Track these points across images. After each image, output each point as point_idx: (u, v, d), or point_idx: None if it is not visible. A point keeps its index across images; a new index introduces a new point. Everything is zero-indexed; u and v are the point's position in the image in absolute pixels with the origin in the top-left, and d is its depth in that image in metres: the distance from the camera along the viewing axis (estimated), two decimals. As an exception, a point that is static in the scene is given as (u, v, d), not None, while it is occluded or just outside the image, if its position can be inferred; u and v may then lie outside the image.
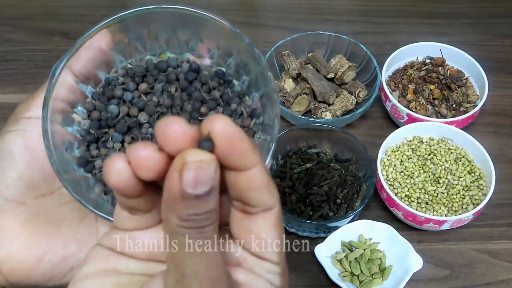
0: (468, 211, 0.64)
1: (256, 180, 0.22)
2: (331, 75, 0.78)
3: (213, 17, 0.31)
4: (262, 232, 0.23)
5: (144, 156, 0.20)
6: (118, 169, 0.21)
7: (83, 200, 0.30)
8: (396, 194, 0.66)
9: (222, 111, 0.33)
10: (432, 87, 0.76)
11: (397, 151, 0.70)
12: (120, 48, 0.33)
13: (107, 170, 0.21)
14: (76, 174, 0.31)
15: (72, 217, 0.32)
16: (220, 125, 0.20)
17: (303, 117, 0.75)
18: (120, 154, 0.21)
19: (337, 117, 0.75)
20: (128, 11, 0.30)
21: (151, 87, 0.34)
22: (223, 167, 0.21)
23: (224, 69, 0.35)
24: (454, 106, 0.75)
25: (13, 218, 0.30)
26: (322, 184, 0.66)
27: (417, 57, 0.81)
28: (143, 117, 0.32)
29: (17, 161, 0.31)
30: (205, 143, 0.20)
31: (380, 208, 0.69)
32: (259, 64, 0.32)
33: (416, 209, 0.64)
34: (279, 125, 0.31)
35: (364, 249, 0.63)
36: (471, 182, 0.67)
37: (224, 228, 0.25)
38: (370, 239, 0.64)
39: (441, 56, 0.80)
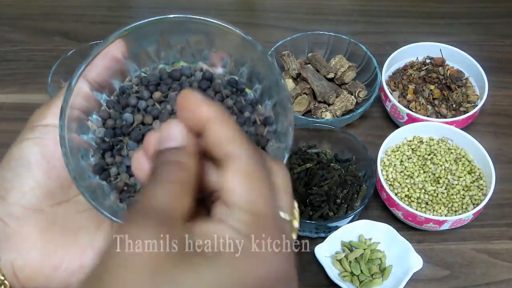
0: (468, 211, 0.64)
1: (214, 134, 0.24)
2: (331, 75, 0.78)
3: (226, 25, 0.31)
4: (230, 183, 0.24)
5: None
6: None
7: (99, 207, 0.30)
8: (396, 194, 0.66)
9: (235, 119, 0.33)
10: (432, 87, 0.76)
11: (397, 151, 0.70)
12: (134, 57, 0.33)
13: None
14: (92, 181, 0.31)
15: (88, 225, 0.32)
16: (179, 97, 0.25)
17: (303, 117, 0.75)
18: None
19: (337, 117, 0.75)
20: (143, 21, 0.31)
21: (165, 96, 0.34)
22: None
23: (237, 78, 0.35)
24: (454, 106, 0.75)
25: (31, 226, 0.31)
26: (322, 184, 0.66)
27: (417, 57, 0.81)
28: (157, 125, 0.33)
29: (34, 169, 0.31)
30: None
31: (380, 208, 0.69)
32: (272, 72, 0.32)
33: (416, 209, 0.64)
34: (293, 132, 0.31)
35: (364, 249, 0.63)
36: (471, 182, 0.67)
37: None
38: (370, 239, 0.64)
39: (441, 56, 0.80)
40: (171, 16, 0.31)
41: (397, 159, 0.69)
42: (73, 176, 0.30)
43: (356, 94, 0.77)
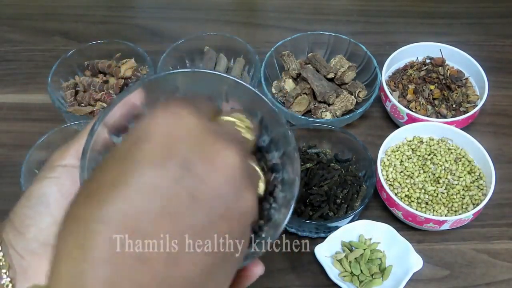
0: (468, 211, 0.64)
1: None
2: (331, 75, 0.78)
3: (239, 81, 0.33)
4: None
5: None
6: None
7: None
8: (396, 194, 0.66)
9: None
10: (432, 87, 0.76)
11: (397, 151, 0.70)
12: (151, 103, 0.34)
13: None
14: None
15: None
16: None
17: (303, 117, 0.75)
18: None
19: (337, 117, 0.75)
20: (161, 74, 0.33)
21: None
22: None
23: None
24: (454, 106, 0.75)
25: (46, 260, 0.31)
26: (322, 184, 0.66)
27: (417, 57, 0.81)
28: None
29: (52, 207, 0.33)
30: None
31: (380, 208, 0.69)
32: (280, 125, 0.33)
33: (416, 209, 0.64)
34: (300, 183, 0.32)
35: (364, 249, 0.63)
36: (471, 182, 0.67)
37: None
38: (370, 239, 0.64)
39: (441, 56, 0.80)
40: (186, 70, 0.34)
41: (397, 159, 0.69)
42: None
43: (356, 94, 0.77)
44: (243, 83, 0.33)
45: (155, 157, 0.24)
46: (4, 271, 0.32)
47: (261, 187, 0.31)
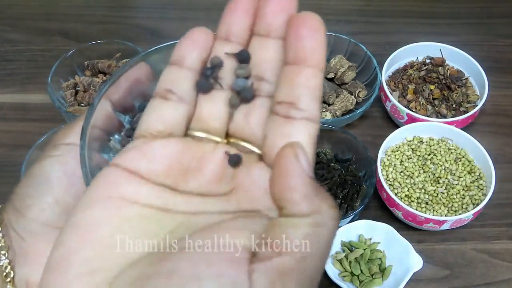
0: (468, 211, 0.63)
1: (312, 81, 0.23)
2: (331, 75, 0.78)
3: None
4: (297, 137, 0.24)
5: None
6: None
7: None
8: (396, 194, 0.66)
9: None
10: (432, 87, 0.76)
11: (397, 151, 0.70)
12: (156, 79, 0.33)
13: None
14: None
15: None
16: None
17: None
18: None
19: (337, 117, 0.75)
20: (163, 45, 0.31)
21: None
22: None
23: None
24: (454, 106, 0.75)
25: (47, 242, 0.30)
26: (322, 184, 0.66)
27: (417, 57, 0.81)
28: None
29: (54, 186, 0.32)
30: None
31: (380, 208, 0.69)
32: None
33: (416, 209, 0.64)
34: None
35: (364, 249, 0.63)
36: (471, 182, 0.67)
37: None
38: (370, 239, 0.64)
39: (441, 56, 0.80)
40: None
41: (397, 159, 0.69)
42: None
43: (356, 94, 0.77)
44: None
45: None
46: (3, 252, 0.31)
47: None
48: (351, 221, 0.65)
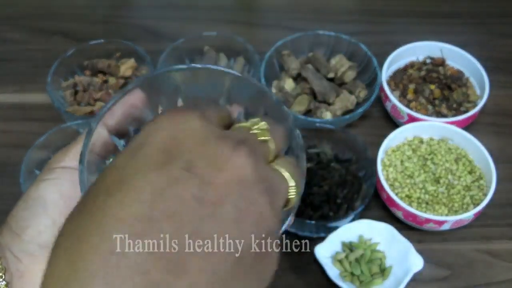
0: (469, 211, 0.63)
1: None
2: (331, 75, 0.78)
3: (241, 76, 0.32)
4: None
5: None
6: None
7: None
8: (396, 194, 0.66)
9: None
10: (432, 87, 0.76)
11: (397, 151, 0.70)
12: (152, 105, 0.33)
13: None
14: None
15: None
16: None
17: (303, 117, 0.75)
18: None
19: (337, 117, 0.75)
20: (159, 71, 0.32)
21: None
22: None
23: None
24: (454, 106, 0.75)
25: (44, 265, 0.30)
26: (322, 184, 0.66)
27: (417, 57, 0.81)
28: None
29: (50, 209, 0.32)
30: None
31: (380, 208, 0.69)
32: (286, 121, 0.32)
33: (416, 209, 0.64)
34: (305, 181, 0.31)
35: (364, 249, 0.62)
36: (471, 182, 0.67)
37: None
38: (370, 239, 0.64)
39: (441, 56, 0.80)
40: (187, 66, 0.32)
41: (397, 159, 0.69)
42: None
43: (356, 94, 0.77)
44: (247, 77, 0.32)
45: (156, 161, 0.23)
46: (0, 274, 0.31)
47: (292, 193, 0.28)
48: (351, 221, 0.65)
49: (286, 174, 0.28)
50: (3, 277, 0.31)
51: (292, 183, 0.28)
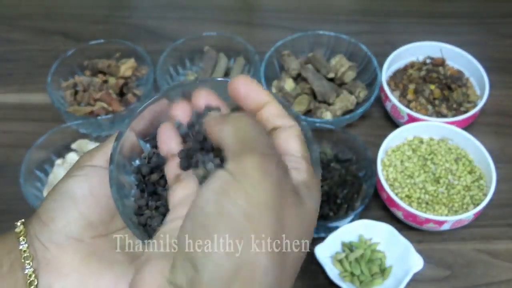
0: (469, 211, 0.63)
1: (273, 111, 0.32)
2: (331, 75, 0.78)
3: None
4: (286, 138, 0.32)
5: None
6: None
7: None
8: (396, 194, 0.66)
9: None
10: (432, 87, 0.76)
11: (398, 151, 0.70)
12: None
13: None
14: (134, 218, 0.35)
15: (123, 260, 0.35)
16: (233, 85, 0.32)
17: (303, 117, 0.75)
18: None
19: (337, 117, 0.75)
20: (185, 83, 0.36)
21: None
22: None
23: None
24: (454, 106, 0.75)
25: (71, 254, 0.34)
26: (322, 184, 0.66)
27: (417, 57, 0.81)
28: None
29: (79, 202, 0.34)
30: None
31: (380, 208, 0.69)
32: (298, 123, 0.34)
33: (417, 209, 0.64)
34: (319, 186, 0.33)
35: (364, 249, 0.62)
36: (471, 182, 0.67)
37: None
38: (370, 239, 0.64)
39: (441, 56, 0.80)
40: (205, 79, 0.36)
41: (398, 159, 0.69)
42: (121, 211, 0.32)
43: (356, 94, 0.77)
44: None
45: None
46: (28, 261, 0.33)
47: None
48: (351, 221, 0.65)
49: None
50: (31, 264, 0.33)
51: None
